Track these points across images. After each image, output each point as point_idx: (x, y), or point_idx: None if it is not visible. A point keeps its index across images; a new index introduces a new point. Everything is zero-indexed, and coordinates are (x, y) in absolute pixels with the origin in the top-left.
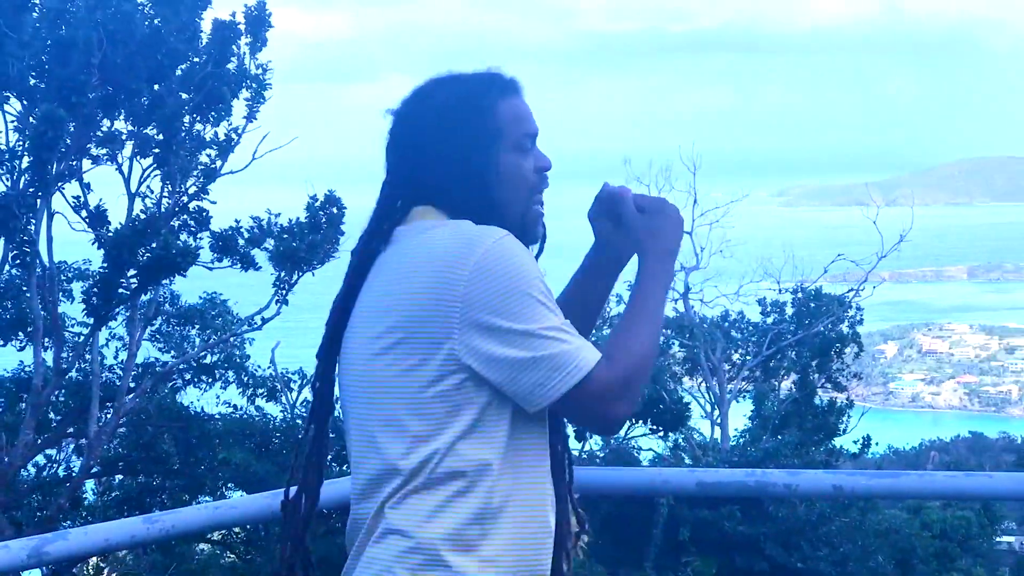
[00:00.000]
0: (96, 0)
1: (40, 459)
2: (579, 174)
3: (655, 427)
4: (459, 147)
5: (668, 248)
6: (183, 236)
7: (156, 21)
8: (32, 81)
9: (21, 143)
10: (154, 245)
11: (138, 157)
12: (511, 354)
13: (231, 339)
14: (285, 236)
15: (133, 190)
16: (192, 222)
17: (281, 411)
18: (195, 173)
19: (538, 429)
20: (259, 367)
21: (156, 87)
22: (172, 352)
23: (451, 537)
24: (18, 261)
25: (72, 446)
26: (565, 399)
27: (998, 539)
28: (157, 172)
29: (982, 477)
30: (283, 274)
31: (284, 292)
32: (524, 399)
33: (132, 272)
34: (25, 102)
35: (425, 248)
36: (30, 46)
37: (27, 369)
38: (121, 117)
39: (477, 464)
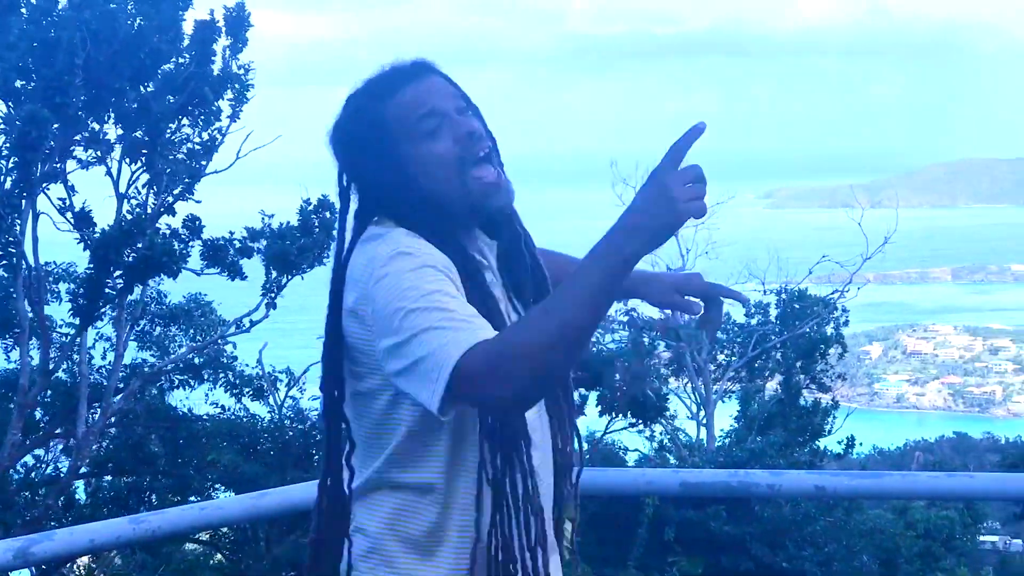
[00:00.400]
0: (81, 0)
1: (29, 459)
2: (567, 176)
3: (635, 420)
4: (369, 163)
5: (636, 224)
6: (176, 245)
7: (139, 20)
8: (18, 83)
9: (6, 144)
10: (140, 245)
11: (127, 160)
12: (397, 368)
13: (219, 341)
14: (278, 240)
15: (122, 191)
16: (184, 231)
17: (268, 411)
18: (182, 175)
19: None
20: (247, 367)
21: (141, 88)
22: (155, 352)
23: (405, 541)
24: (3, 262)
25: (61, 447)
26: (451, 397)
27: (981, 538)
28: (145, 174)
29: (963, 477)
30: (273, 276)
31: (273, 296)
32: (429, 409)
33: (118, 272)
34: (10, 103)
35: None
36: (16, 47)
37: (14, 369)
38: (110, 121)
39: (424, 479)
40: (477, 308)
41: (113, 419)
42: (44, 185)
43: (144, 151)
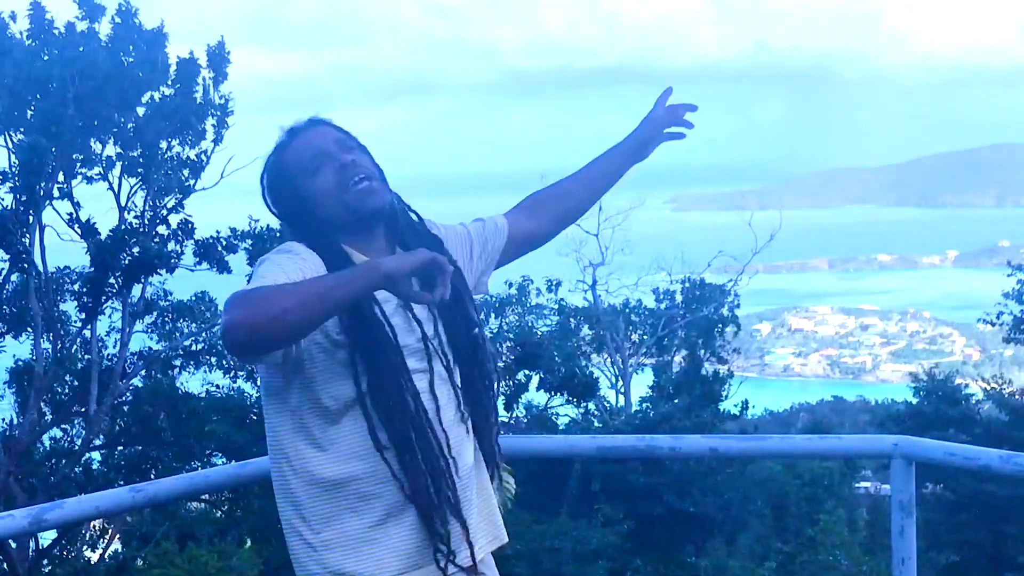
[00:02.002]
0: (65, 39)
1: (57, 432)
2: (503, 187)
3: (571, 398)
4: (281, 201)
5: (379, 266)
6: (171, 244)
7: (121, 55)
8: (16, 114)
9: (12, 169)
10: (135, 250)
11: (126, 176)
12: None
13: (214, 329)
14: (261, 240)
15: (123, 204)
16: (180, 232)
17: (256, 389)
18: (174, 190)
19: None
20: None
21: (138, 111)
22: (165, 342)
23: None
24: (16, 269)
25: (77, 423)
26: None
27: (857, 485)
28: (143, 187)
29: (833, 439)
30: None
31: None
32: None
33: (117, 273)
34: (11, 134)
35: None
36: (11, 87)
37: (31, 359)
38: (111, 142)
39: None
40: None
41: (122, 398)
42: (47, 201)
43: (140, 169)
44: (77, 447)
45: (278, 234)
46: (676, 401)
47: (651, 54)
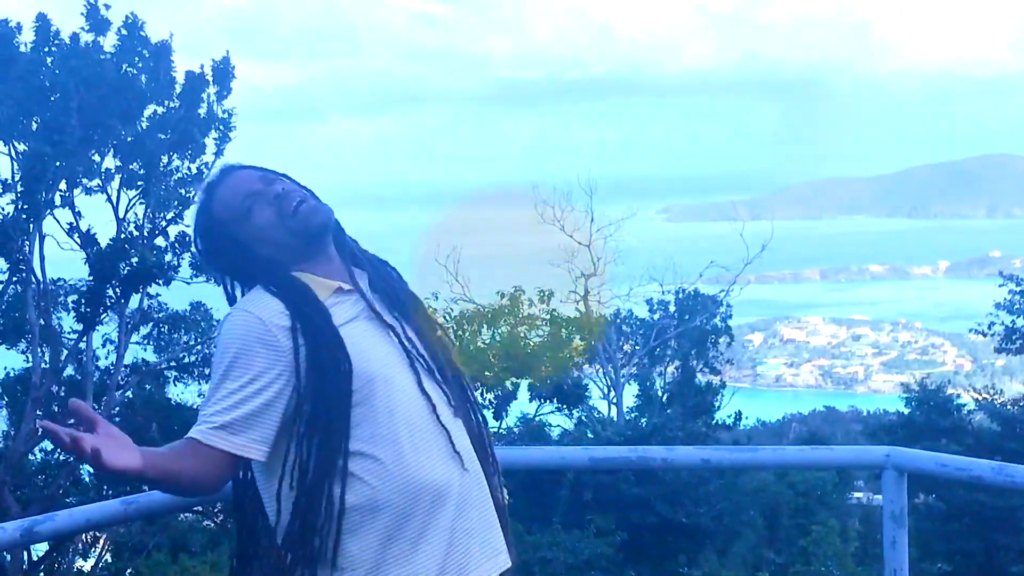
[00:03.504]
0: (70, 50)
1: (47, 444)
2: (496, 198)
3: (560, 405)
4: (222, 255)
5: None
6: (168, 256)
7: (125, 67)
8: (20, 124)
9: (14, 177)
10: (133, 261)
11: (125, 188)
12: None
13: (210, 340)
14: None
15: (121, 216)
16: (177, 244)
17: None
18: (173, 203)
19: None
20: None
21: (138, 125)
22: (161, 353)
23: None
24: (15, 277)
25: None
26: None
27: (849, 495)
28: (142, 201)
29: (825, 450)
30: None
31: None
32: None
33: (115, 284)
34: (14, 143)
35: None
36: (15, 95)
37: (27, 369)
38: (111, 155)
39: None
40: (321, 336)
41: (116, 409)
42: (48, 211)
43: (140, 182)
44: (71, 459)
45: None
46: (669, 411)
47: (641, 65)
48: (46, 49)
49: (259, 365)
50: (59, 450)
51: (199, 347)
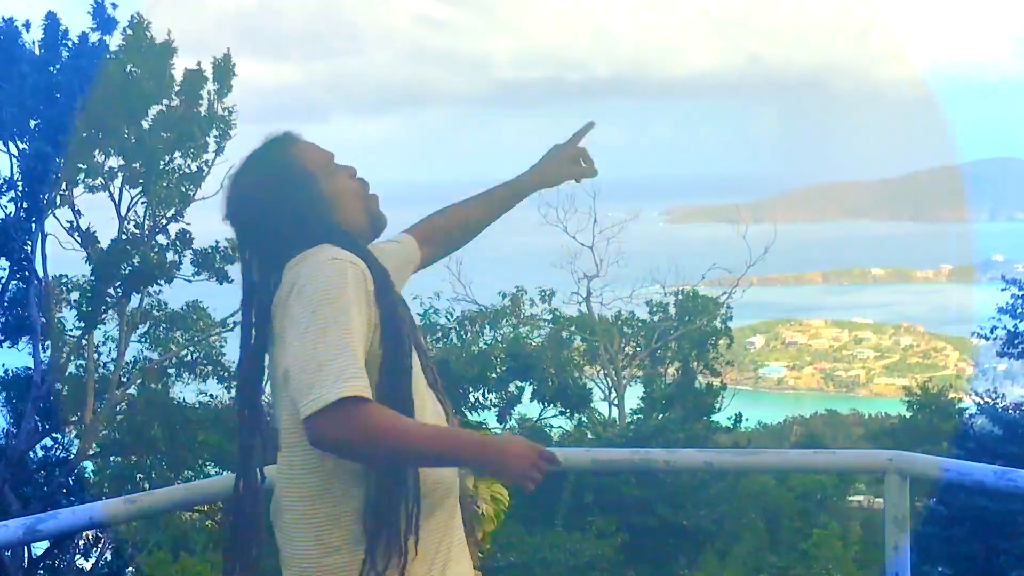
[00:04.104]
0: (76, 49)
1: (48, 442)
2: None
3: (564, 409)
4: (289, 203)
5: (484, 453)
6: (169, 254)
7: (130, 67)
8: (22, 123)
9: (17, 176)
10: (136, 260)
11: (127, 187)
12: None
13: (210, 339)
14: None
15: (123, 214)
16: (178, 242)
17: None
18: (174, 201)
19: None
20: (233, 362)
21: (142, 124)
22: (160, 350)
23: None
24: (17, 276)
25: (73, 432)
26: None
27: (851, 498)
28: (143, 199)
29: (827, 454)
30: None
31: None
32: None
33: (117, 282)
34: (18, 142)
35: None
36: (20, 94)
37: (28, 366)
38: (113, 154)
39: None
40: (393, 309)
41: (117, 408)
42: (51, 210)
43: (141, 180)
44: (72, 456)
45: None
46: (669, 414)
47: (644, 67)
48: (54, 47)
49: (361, 317)
50: (59, 448)
51: (201, 345)
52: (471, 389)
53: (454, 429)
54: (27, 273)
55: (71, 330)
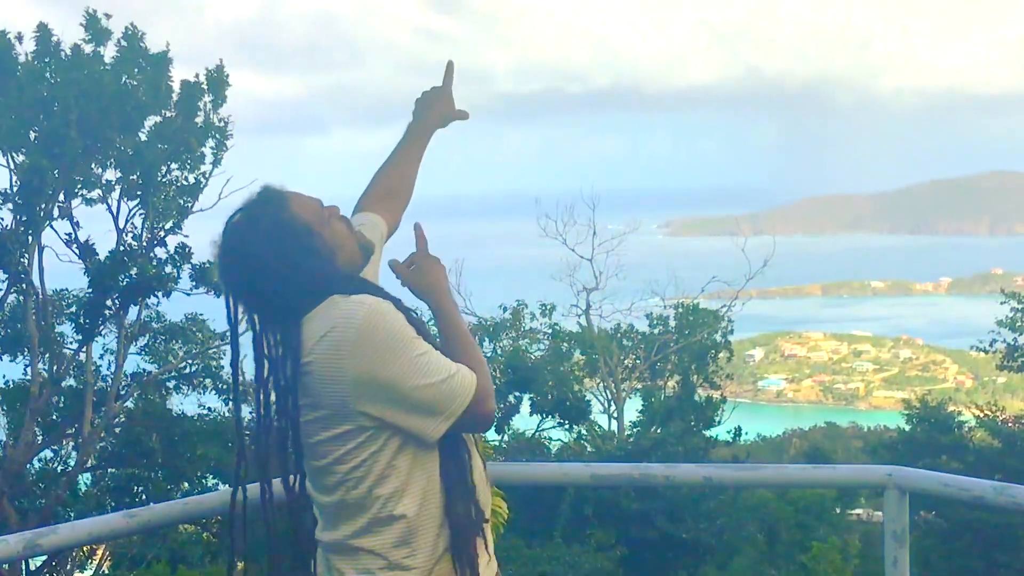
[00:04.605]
0: (71, 60)
1: (47, 454)
2: (498, 211)
3: (562, 420)
4: (292, 259)
5: (445, 288)
6: (167, 268)
7: (125, 78)
8: (19, 135)
9: (13, 188)
10: (133, 272)
11: (125, 199)
12: None
13: (209, 351)
14: None
15: (121, 226)
16: (176, 256)
17: (250, 412)
18: (172, 213)
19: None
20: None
21: (138, 136)
22: (158, 363)
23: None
24: (15, 289)
25: (70, 444)
26: None
27: (850, 511)
28: (141, 212)
29: (827, 468)
30: None
31: None
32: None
33: (114, 295)
34: (14, 155)
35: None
36: (15, 107)
37: (27, 379)
38: (111, 166)
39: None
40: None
41: (115, 420)
42: (47, 222)
43: (139, 192)
44: (70, 468)
45: None
46: (669, 427)
47: (642, 79)
48: (47, 60)
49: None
50: (57, 461)
51: (200, 357)
52: None
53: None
54: (24, 286)
55: (69, 343)
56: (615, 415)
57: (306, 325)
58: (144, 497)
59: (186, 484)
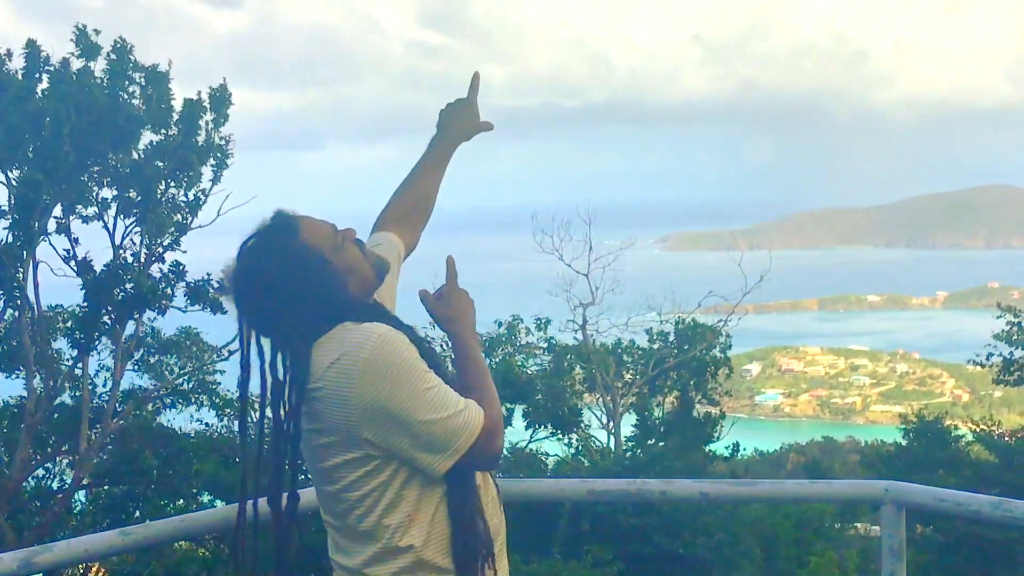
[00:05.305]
0: (61, 75)
1: (42, 471)
2: (495, 226)
3: (555, 430)
4: (306, 286)
5: (470, 321)
6: (162, 286)
7: (118, 92)
8: (13, 151)
9: (8, 203)
10: (129, 286)
11: (122, 216)
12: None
13: (205, 367)
14: None
15: (117, 243)
16: (171, 274)
17: (253, 434)
18: (169, 230)
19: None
20: (229, 391)
21: (130, 152)
22: (153, 378)
23: None
24: (10, 304)
25: (66, 461)
26: None
27: (849, 526)
28: (137, 228)
29: (823, 484)
30: None
31: None
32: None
33: (110, 309)
34: (7, 170)
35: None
36: (8, 121)
37: (22, 396)
38: (108, 184)
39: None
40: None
41: (111, 437)
42: (42, 237)
43: (136, 209)
44: (67, 485)
45: None
46: (668, 442)
47: (638, 94)
48: (37, 75)
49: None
50: (53, 477)
51: (195, 373)
52: None
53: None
54: (19, 302)
55: (66, 359)
56: (612, 430)
57: (316, 351)
58: (139, 514)
59: (182, 501)
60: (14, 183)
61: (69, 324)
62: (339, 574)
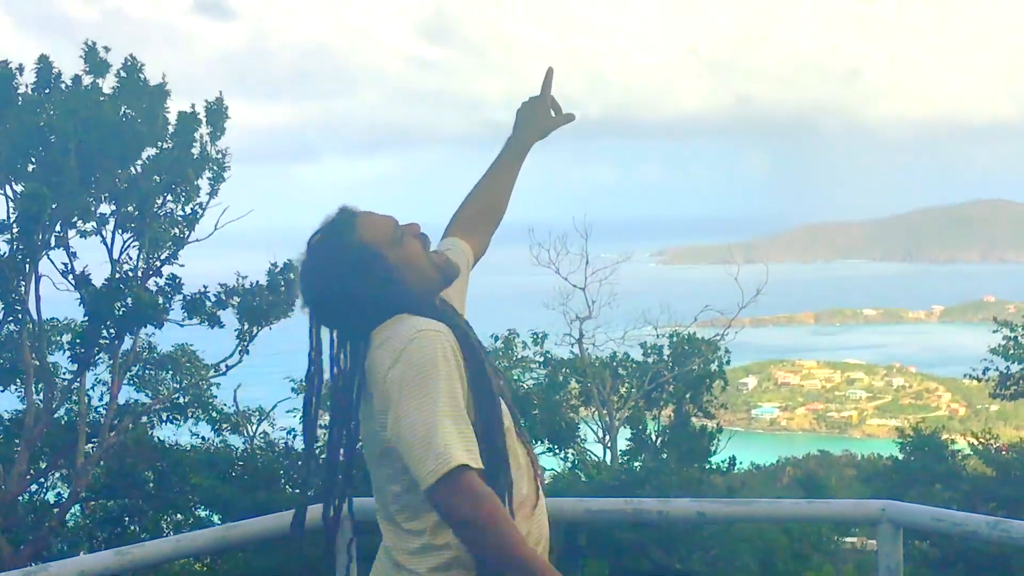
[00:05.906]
0: (70, 91)
1: (36, 485)
2: (491, 240)
3: (551, 445)
4: (364, 280)
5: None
6: (159, 299)
7: (124, 109)
8: (18, 165)
9: (11, 217)
10: (128, 301)
11: (119, 231)
12: None
13: (201, 383)
14: (249, 296)
15: (115, 258)
16: (167, 288)
17: (243, 443)
18: (167, 244)
19: None
20: (225, 405)
21: (132, 169)
22: (149, 393)
23: None
24: (11, 318)
25: (60, 475)
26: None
27: (845, 539)
28: (135, 243)
29: (820, 504)
30: (246, 327)
31: (246, 343)
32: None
33: (109, 323)
34: (12, 183)
35: None
36: (14, 135)
37: (20, 410)
38: (105, 199)
39: None
40: (475, 375)
41: (108, 451)
42: (44, 251)
43: (133, 224)
44: (64, 500)
45: (267, 292)
46: (664, 457)
47: (634, 108)
48: (47, 91)
49: (459, 383)
50: (50, 492)
51: (191, 389)
52: None
53: (542, 558)
54: (20, 315)
55: (64, 373)
56: (608, 444)
57: (375, 337)
58: (135, 529)
59: (179, 515)
60: (19, 196)
61: (68, 338)
62: (381, 560)
